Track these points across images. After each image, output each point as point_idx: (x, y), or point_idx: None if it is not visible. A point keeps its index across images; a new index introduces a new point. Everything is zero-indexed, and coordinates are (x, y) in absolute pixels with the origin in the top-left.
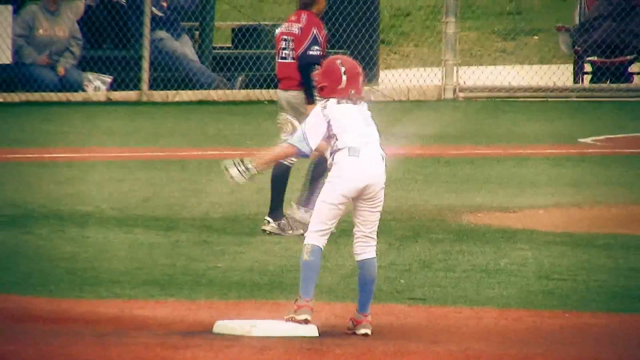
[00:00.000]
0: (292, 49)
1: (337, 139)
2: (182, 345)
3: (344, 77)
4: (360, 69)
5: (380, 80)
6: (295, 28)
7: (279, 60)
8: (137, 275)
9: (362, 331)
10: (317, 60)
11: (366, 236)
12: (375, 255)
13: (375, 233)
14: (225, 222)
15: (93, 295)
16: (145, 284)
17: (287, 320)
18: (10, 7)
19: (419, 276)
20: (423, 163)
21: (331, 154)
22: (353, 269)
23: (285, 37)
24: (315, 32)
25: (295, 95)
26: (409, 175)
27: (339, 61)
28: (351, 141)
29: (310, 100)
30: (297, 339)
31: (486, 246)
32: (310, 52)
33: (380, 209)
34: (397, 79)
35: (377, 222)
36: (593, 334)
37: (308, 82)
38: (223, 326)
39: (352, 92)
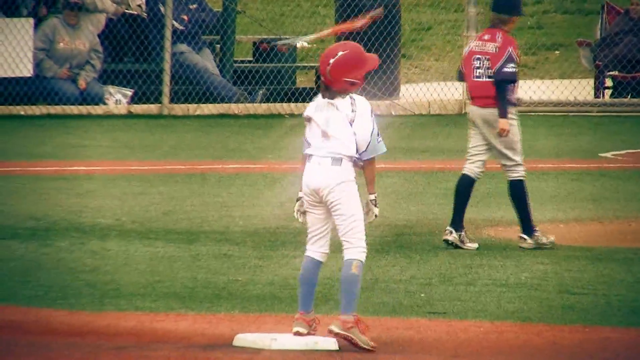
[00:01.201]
0: (488, 68)
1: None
2: (203, 358)
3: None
4: (331, 56)
5: (401, 94)
6: (491, 47)
7: (474, 80)
8: (157, 288)
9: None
10: (513, 77)
11: (342, 240)
12: (352, 257)
13: (351, 236)
14: (245, 235)
15: (113, 308)
16: (165, 297)
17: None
18: (31, 20)
19: (440, 290)
20: (444, 177)
21: None
22: (373, 283)
23: (479, 56)
24: (510, 50)
25: (492, 112)
26: (430, 190)
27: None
28: (309, 149)
29: (503, 114)
30: (317, 352)
31: (507, 260)
32: (506, 69)
33: (340, 212)
34: (417, 92)
35: (347, 226)
36: (613, 349)
37: (503, 97)
38: (243, 339)
39: (322, 79)
